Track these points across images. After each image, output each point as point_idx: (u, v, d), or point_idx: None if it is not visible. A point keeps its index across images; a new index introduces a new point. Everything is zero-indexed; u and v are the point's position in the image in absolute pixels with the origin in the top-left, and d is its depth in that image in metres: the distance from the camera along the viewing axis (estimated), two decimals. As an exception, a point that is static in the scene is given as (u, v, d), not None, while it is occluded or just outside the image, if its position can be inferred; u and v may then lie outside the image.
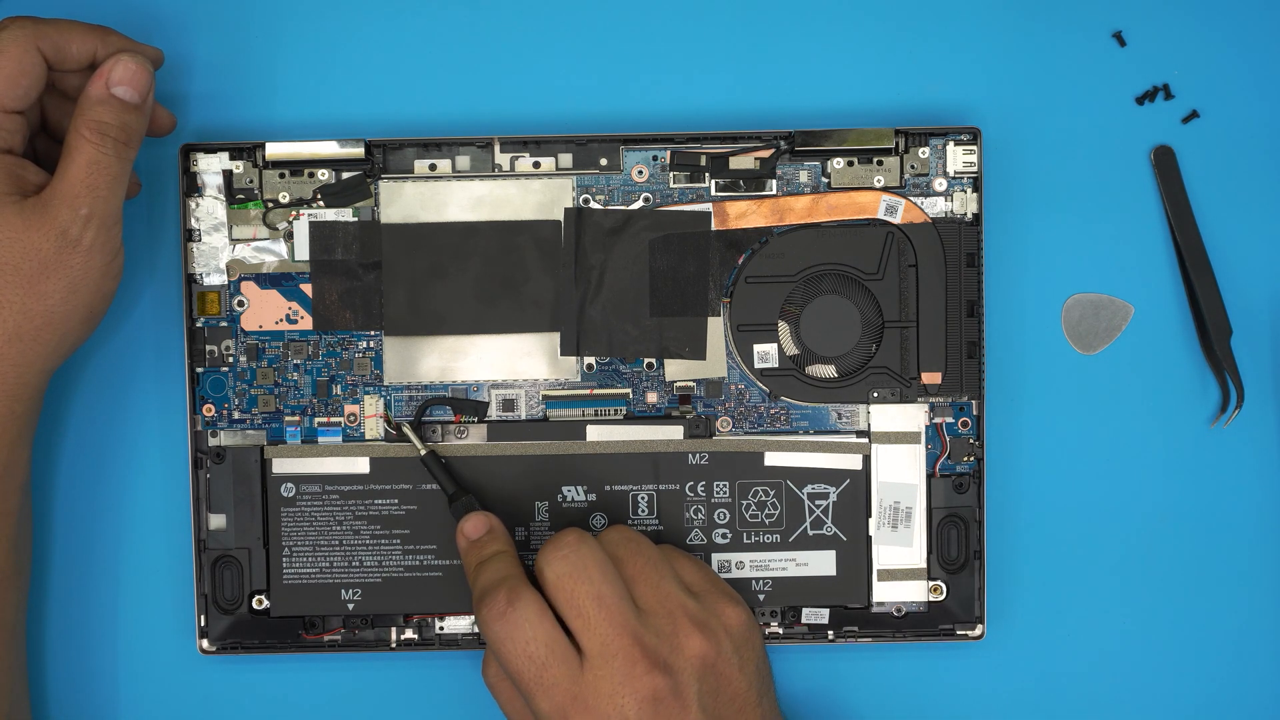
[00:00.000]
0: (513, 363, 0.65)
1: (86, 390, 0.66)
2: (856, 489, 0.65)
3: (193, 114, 0.65)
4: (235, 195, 0.64)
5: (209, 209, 0.64)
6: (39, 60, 0.58)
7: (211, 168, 0.64)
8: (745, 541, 0.65)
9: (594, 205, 0.65)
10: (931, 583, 0.65)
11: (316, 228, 0.64)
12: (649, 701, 0.57)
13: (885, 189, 0.65)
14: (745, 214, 0.65)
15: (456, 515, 0.62)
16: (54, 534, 0.66)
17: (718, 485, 0.65)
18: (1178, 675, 0.67)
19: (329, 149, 0.64)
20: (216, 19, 0.65)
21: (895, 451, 0.65)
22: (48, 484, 0.66)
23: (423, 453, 0.64)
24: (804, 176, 0.65)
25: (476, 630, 0.65)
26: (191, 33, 0.65)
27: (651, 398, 0.65)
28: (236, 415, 0.65)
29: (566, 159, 0.65)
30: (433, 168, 0.64)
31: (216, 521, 0.64)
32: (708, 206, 0.64)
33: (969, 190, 0.65)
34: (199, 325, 0.65)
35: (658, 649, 0.57)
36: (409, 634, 0.65)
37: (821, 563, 0.65)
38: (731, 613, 0.60)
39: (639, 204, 0.65)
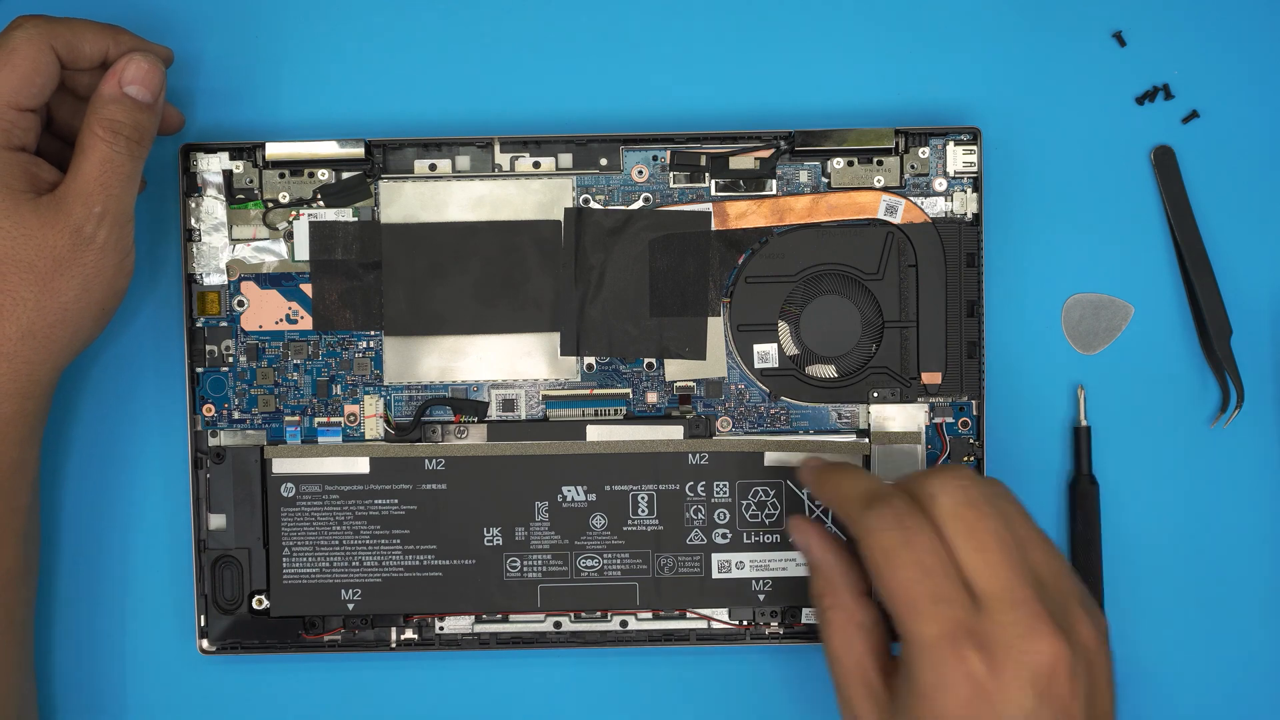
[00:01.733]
0: (513, 363, 0.65)
1: (87, 390, 0.66)
2: (856, 489, 0.65)
3: (193, 114, 0.65)
4: (235, 195, 0.64)
5: (209, 209, 0.64)
6: (52, 59, 0.58)
7: (211, 168, 0.64)
8: (745, 541, 0.65)
9: (594, 205, 0.65)
10: (931, 583, 0.65)
11: (316, 228, 0.64)
12: (1046, 670, 0.51)
13: (885, 189, 0.65)
14: (745, 214, 0.65)
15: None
16: (54, 534, 0.66)
17: (718, 485, 0.65)
18: (1177, 674, 0.67)
19: (329, 149, 0.64)
20: (217, 19, 0.65)
21: (895, 451, 0.65)
22: (48, 484, 0.66)
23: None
24: (804, 176, 0.65)
25: (475, 630, 0.65)
26: (192, 33, 0.65)
27: (651, 398, 0.65)
28: (236, 415, 0.65)
29: (566, 159, 0.65)
30: (433, 168, 0.64)
31: (216, 521, 0.64)
32: (708, 206, 0.64)
33: (969, 190, 0.65)
34: (199, 325, 0.65)
35: (1055, 613, 0.52)
36: (409, 634, 0.65)
37: (821, 563, 0.65)
38: (1100, 616, 0.55)
39: (639, 204, 0.65)
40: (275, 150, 0.64)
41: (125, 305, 0.65)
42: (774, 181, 0.65)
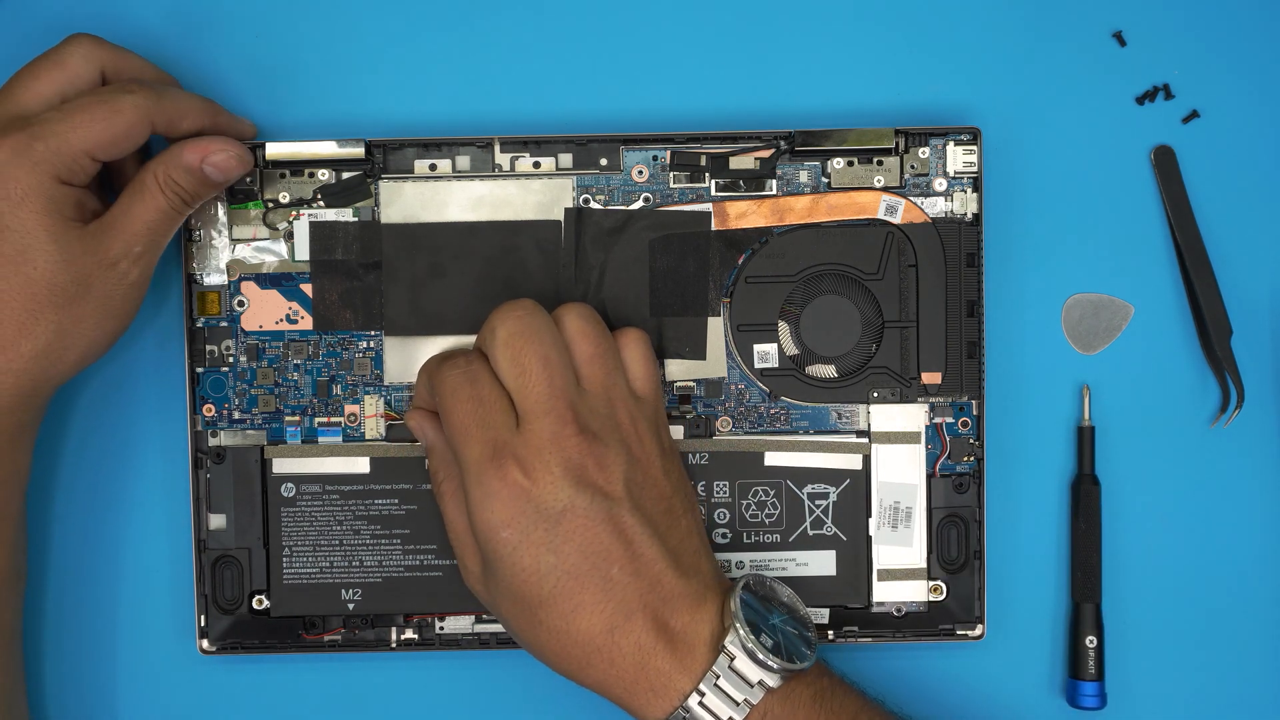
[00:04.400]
0: (513, 363, 0.65)
1: (87, 390, 0.66)
2: (856, 489, 0.65)
3: (193, 114, 0.65)
4: (235, 195, 0.64)
5: (209, 209, 0.64)
6: (148, 130, 0.59)
7: (211, 168, 0.64)
8: (745, 541, 0.65)
9: (594, 205, 0.65)
10: (931, 583, 0.65)
11: (316, 228, 0.64)
12: (575, 466, 0.57)
13: (885, 189, 0.65)
14: (745, 214, 0.65)
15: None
16: (54, 534, 0.66)
17: (718, 485, 0.65)
18: (1178, 674, 0.67)
19: (329, 149, 0.64)
20: (217, 19, 0.65)
21: (895, 451, 0.65)
22: (48, 484, 0.66)
23: None
24: (804, 176, 0.65)
25: (475, 630, 0.65)
26: (192, 33, 0.65)
27: (651, 398, 0.65)
28: (236, 415, 0.65)
29: (566, 159, 0.65)
30: (433, 168, 0.64)
31: (216, 521, 0.64)
32: (708, 206, 0.65)
33: (969, 190, 0.65)
34: (199, 325, 0.65)
35: (589, 420, 0.58)
36: (409, 634, 0.65)
37: (821, 563, 0.65)
38: (663, 428, 0.61)
39: (639, 204, 0.65)
40: (275, 150, 0.64)
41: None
42: (774, 181, 0.65)
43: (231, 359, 0.65)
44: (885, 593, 0.65)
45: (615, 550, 0.57)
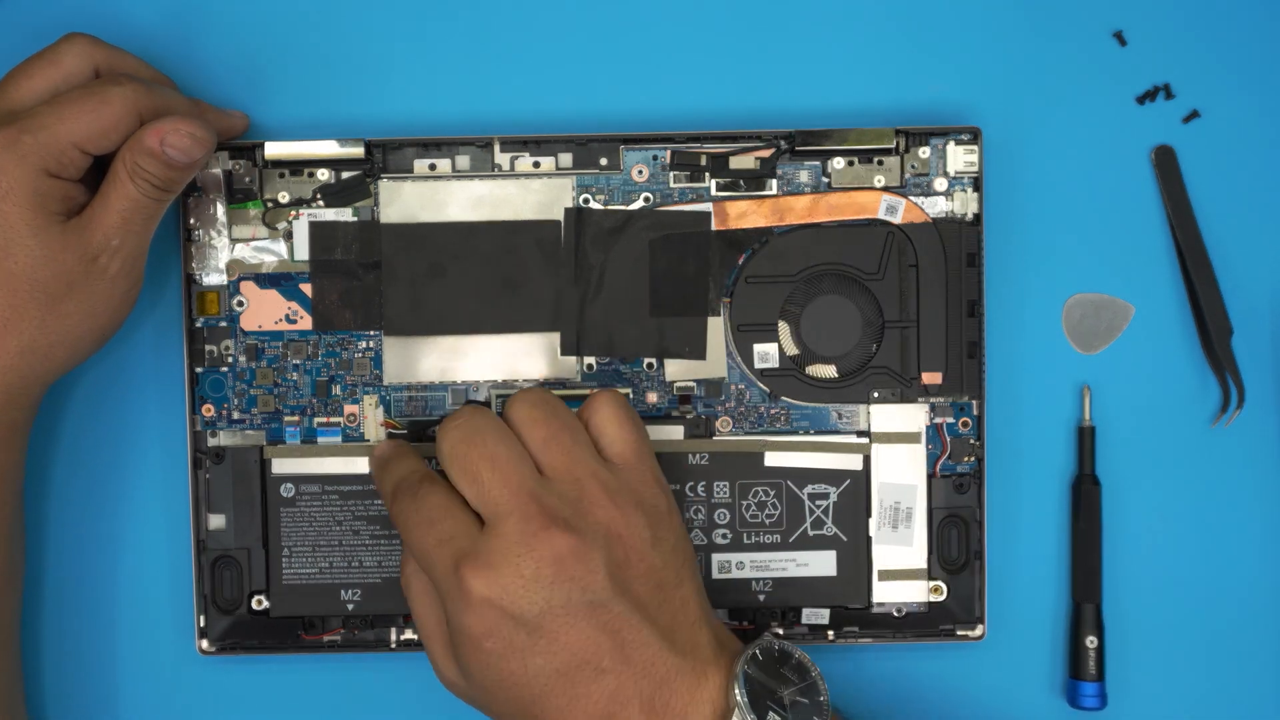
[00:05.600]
0: (513, 363, 0.65)
1: (86, 390, 0.66)
2: (857, 489, 0.65)
3: (192, 114, 0.65)
4: (235, 195, 0.64)
5: (209, 208, 0.64)
6: (136, 122, 0.59)
7: (211, 167, 0.64)
8: (745, 542, 0.65)
9: (594, 205, 0.65)
10: (932, 583, 0.65)
11: (316, 228, 0.64)
12: (549, 562, 0.54)
13: (885, 189, 0.64)
14: (745, 214, 0.64)
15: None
16: (54, 534, 0.66)
17: (718, 485, 0.65)
18: (1176, 673, 0.67)
19: (329, 149, 0.64)
20: (216, 19, 0.65)
21: (895, 451, 0.65)
22: (48, 484, 0.66)
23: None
24: (804, 176, 0.65)
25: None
26: (191, 32, 0.65)
27: (651, 398, 0.65)
28: (236, 415, 0.65)
29: (566, 159, 0.65)
30: (433, 168, 0.64)
31: (216, 521, 0.64)
32: (708, 206, 0.64)
33: (969, 190, 0.65)
34: (199, 325, 0.64)
35: (558, 509, 0.55)
36: (409, 634, 0.65)
37: (821, 563, 0.65)
38: (649, 492, 0.57)
39: (639, 204, 0.65)
40: (275, 150, 0.64)
41: (125, 305, 0.65)
42: (774, 181, 0.65)
43: (231, 359, 0.65)
44: (885, 593, 0.65)
45: (603, 644, 0.54)
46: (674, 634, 0.56)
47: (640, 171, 0.65)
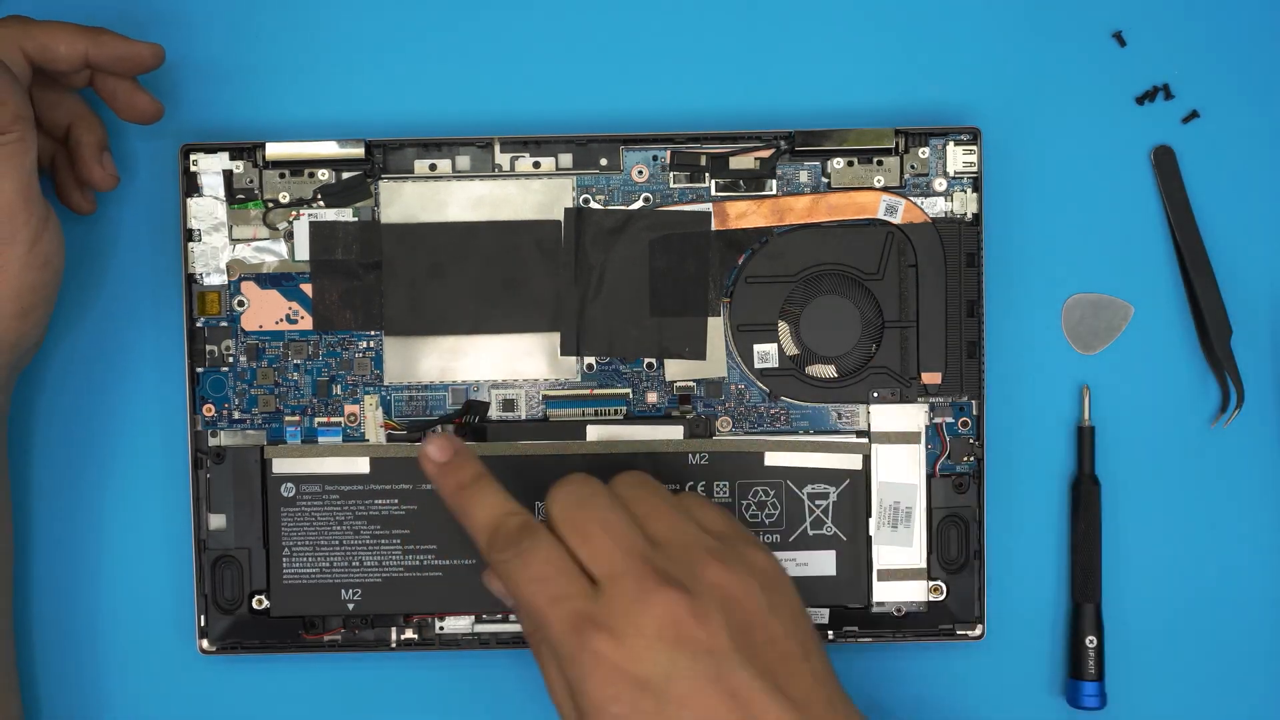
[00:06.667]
0: (513, 363, 0.65)
1: (86, 390, 0.66)
2: (856, 489, 0.65)
3: (193, 114, 0.65)
4: (235, 195, 0.64)
5: (209, 209, 0.64)
6: (21, 60, 0.58)
7: (211, 168, 0.64)
8: (745, 541, 0.65)
9: (594, 205, 0.65)
10: (931, 583, 0.65)
11: (316, 228, 0.64)
12: (669, 622, 0.52)
13: (885, 189, 0.65)
14: (745, 214, 0.65)
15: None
16: (54, 534, 0.66)
17: (718, 485, 0.65)
18: (1176, 673, 0.67)
19: (329, 149, 0.64)
20: (217, 18, 0.65)
21: (895, 451, 0.65)
22: (47, 484, 0.66)
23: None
24: (804, 176, 0.65)
25: (475, 630, 0.65)
26: (191, 32, 0.65)
27: (651, 398, 0.65)
28: (236, 415, 0.65)
29: (566, 159, 0.65)
30: (433, 168, 0.64)
31: (216, 521, 0.64)
32: (708, 206, 0.65)
33: (969, 190, 0.65)
34: (199, 325, 0.65)
35: (670, 570, 0.53)
36: (409, 634, 0.65)
37: (821, 563, 0.65)
38: (757, 556, 0.56)
39: (639, 204, 0.65)
40: (275, 150, 0.64)
41: (125, 305, 0.65)
42: (774, 181, 0.65)
43: (231, 359, 0.65)
44: (885, 593, 0.65)
45: (732, 713, 0.52)
46: (808, 709, 0.53)
47: (640, 172, 0.65)
